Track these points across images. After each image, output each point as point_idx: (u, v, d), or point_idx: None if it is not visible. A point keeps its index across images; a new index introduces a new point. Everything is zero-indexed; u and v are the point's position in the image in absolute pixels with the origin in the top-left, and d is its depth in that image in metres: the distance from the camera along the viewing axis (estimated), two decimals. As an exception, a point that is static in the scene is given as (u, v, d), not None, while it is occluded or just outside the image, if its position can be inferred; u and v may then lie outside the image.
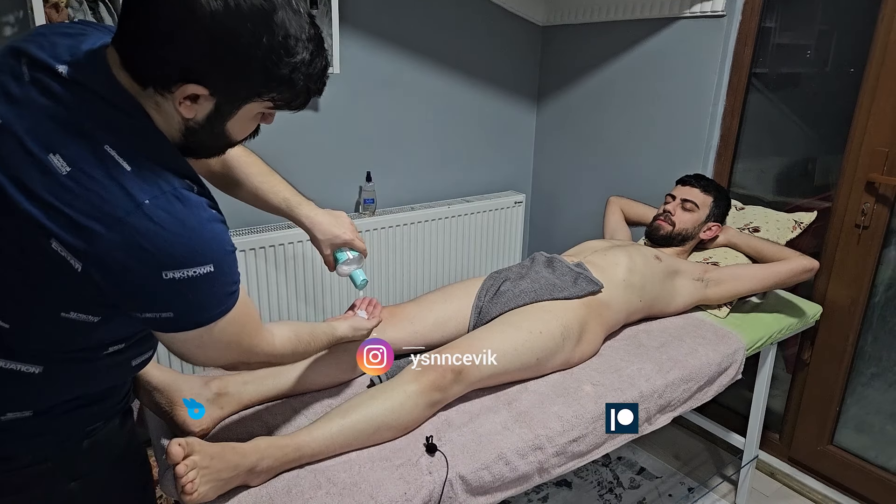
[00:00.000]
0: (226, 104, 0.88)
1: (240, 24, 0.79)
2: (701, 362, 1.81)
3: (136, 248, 0.81)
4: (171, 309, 0.88)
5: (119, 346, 1.00)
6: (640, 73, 2.80)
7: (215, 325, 0.93)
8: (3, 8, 1.93)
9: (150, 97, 0.86)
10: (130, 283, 0.84)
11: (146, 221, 0.81)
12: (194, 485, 1.08)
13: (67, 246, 0.81)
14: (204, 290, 0.88)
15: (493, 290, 1.81)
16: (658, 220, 2.25)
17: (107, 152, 0.82)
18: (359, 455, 1.31)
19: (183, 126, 0.90)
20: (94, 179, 0.81)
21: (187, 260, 0.84)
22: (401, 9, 2.73)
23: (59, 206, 0.80)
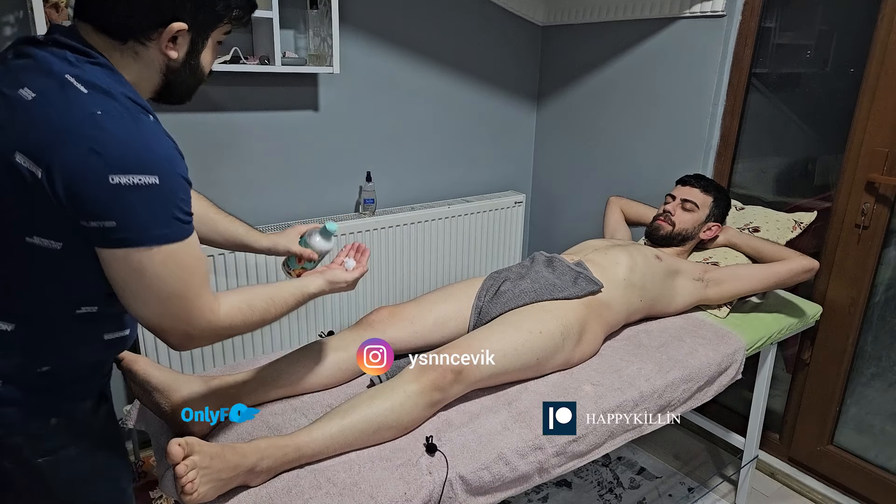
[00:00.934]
0: (199, 36, 1.03)
1: None
2: (701, 362, 1.81)
3: (87, 151, 0.87)
4: (113, 216, 0.89)
5: (90, 308, 1.03)
6: (640, 73, 2.80)
7: (156, 252, 0.93)
8: (3, 8, 1.93)
9: (128, 49, 0.98)
10: (81, 186, 0.88)
11: (97, 129, 0.88)
12: (194, 485, 1.08)
13: (29, 154, 0.88)
14: (147, 201, 0.91)
15: (494, 290, 1.81)
16: (658, 220, 2.25)
17: (67, 80, 0.91)
18: (359, 455, 1.31)
19: (164, 67, 1.03)
20: (54, 99, 0.90)
21: (133, 166, 0.89)
22: (401, 9, 2.73)
23: (23, 125, 0.89)
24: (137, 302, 0.98)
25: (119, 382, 2.41)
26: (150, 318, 0.99)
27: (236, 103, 2.42)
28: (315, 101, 2.60)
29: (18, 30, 1.96)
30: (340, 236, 2.62)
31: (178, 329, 1.01)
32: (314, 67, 2.42)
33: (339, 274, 1.41)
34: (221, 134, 2.40)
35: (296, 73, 2.43)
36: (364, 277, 2.70)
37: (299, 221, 2.62)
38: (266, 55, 2.31)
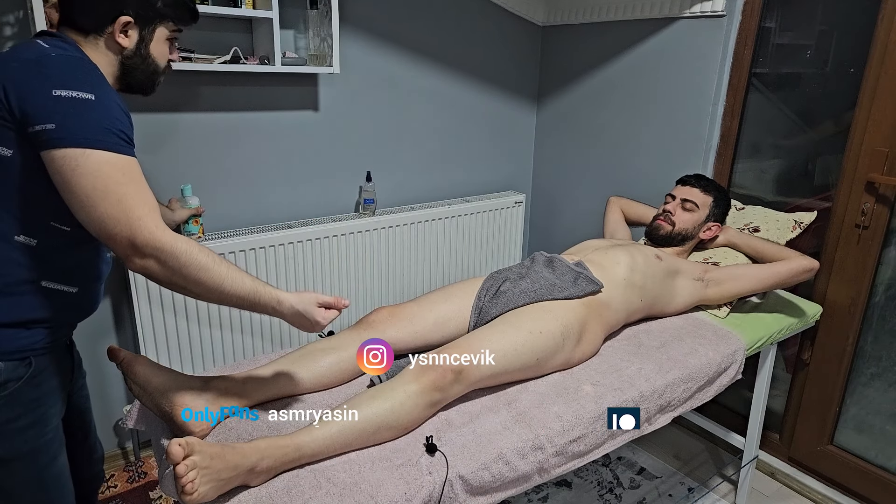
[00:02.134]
0: (145, 29, 1.29)
1: None
2: (701, 362, 1.81)
3: (36, 72, 1.10)
4: (53, 119, 1.07)
5: (29, 239, 1.16)
6: (640, 72, 2.80)
7: (91, 154, 1.08)
8: (3, 8, 1.93)
9: (91, 42, 1.25)
10: (29, 97, 1.08)
11: (48, 59, 1.12)
12: (194, 485, 1.08)
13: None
14: (84, 111, 1.09)
15: (494, 289, 1.81)
16: (658, 219, 2.25)
17: (37, 41, 1.18)
18: (359, 455, 1.31)
19: (119, 56, 1.28)
20: (21, 48, 1.16)
21: (72, 84, 1.10)
22: (401, 9, 2.73)
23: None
24: (82, 205, 1.09)
25: (119, 383, 2.42)
26: (95, 221, 1.10)
27: (236, 103, 2.42)
28: (315, 101, 2.60)
29: (18, 30, 1.96)
30: (341, 236, 2.62)
31: (122, 235, 1.10)
32: (314, 67, 2.42)
33: (315, 311, 1.33)
34: (221, 134, 2.40)
35: (296, 73, 2.43)
36: (364, 277, 2.73)
37: (300, 221, 2.62)
38: (266, 55, 2.31)
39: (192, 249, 1.16)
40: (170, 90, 2.27)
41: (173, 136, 2.31)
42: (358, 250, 2.71)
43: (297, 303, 1.30)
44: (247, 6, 2.22)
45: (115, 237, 1.10)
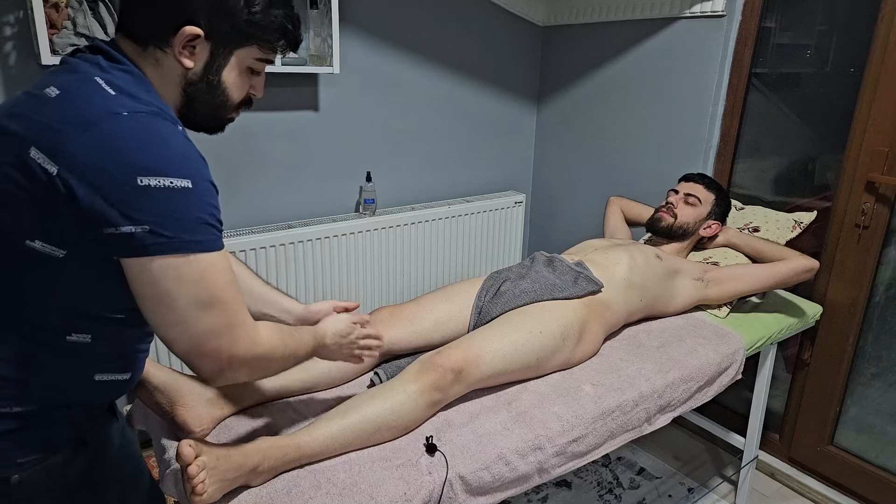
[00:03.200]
0: (218, 48, 0.98)
1: None
2: (701, 362, 1.80)
3: (110, 150, 0.82)
4: (146, 220, 0.83)
5: (82, 336, 0.94)
6: (641, 73, 2.80)
7: (194, 260, 0.86)
8: (3, 8, 1.93)
9: (150, 56, 0.95)
10: (105, 186, 0.82)
11: (121, 127, 0.83)
12: (205, 485, 1.07)
13: (44, 150, 0.82)
14: (182, 205, 0.85)
15: (494, 289, 1.81)
16: (660, 210, 2.24)
17: (95, 81, 0.88)
18: (359, 455, 1.31)
19: (183, 80, 0.98)
20: (77, 96, 0.86)
21: (163, 168, 0.83)
22: (401, 9, 2.73)
23: (41, 119, 0.84)
24: (176, 321, 0.89)
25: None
26: (188, 339, 0.90)
27: (236, 103, 2.41)
28: (315, 101, 2.60)
29: (18, 30, 1.96)
30: (342, 236, 2.62)
31: (221, 351, 0.92)
32: (314, 67, 2.42)
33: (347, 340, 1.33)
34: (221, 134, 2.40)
35: (296, 73, 2.44)
36: (364, 277, 2.73)
37: (300, 221, 2.62)
38: (266, 55, 2.30)
39: (279, 349, 1.04)
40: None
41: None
42: (358, 250, 2.71)
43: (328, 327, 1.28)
44: (247, 6, 2.21)
45: (210, 354, 0.92)
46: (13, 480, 0.93)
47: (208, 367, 0.93)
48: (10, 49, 1.97)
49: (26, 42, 1.98)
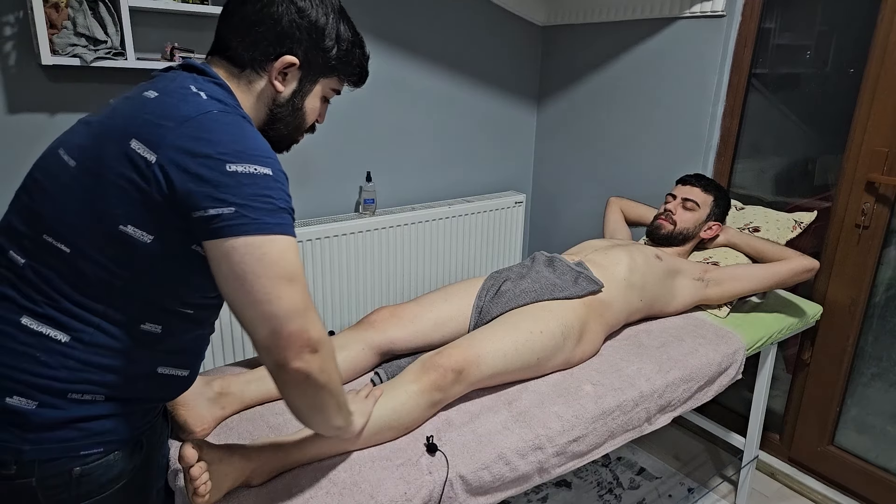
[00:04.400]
0: (307, 78, 1.12)
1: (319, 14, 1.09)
2: (701, 362, 1.81)
3: (203, 140, 0.92)
4: (232, 202, 0.91)
5: (154, 326, 1.01)
6: (640, 73, 2.80)
7: (276, 240, 0.93)
8: (3, 8, 1.93)
9: (244, 79, 1.09)
10: (198, 171, 0.91)
11: (212, 121, 0.94)
12: (208, 486, 1.08)
13: (144, 141, 0.92)
14: (264, 188, 0.93)
15: (494, 289, 1.81)
16: (659, 218, 2.25)
17: (188, 87, 0.99)
18: (359, 455, 1.31)
19: (271, 102, 1.11)
20: (172, 96, 0.97)
21: (248, 157, 0.93)
22: (400, 9, 2.73)
23: (140, 115, 0.95)
24: (259, 301, 0.93)
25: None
26: (269, 320, 0.94)
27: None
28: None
29: (18, 30, 1.96)
30: (342, 236, 2.62)
31: (301, 332, 0.96)
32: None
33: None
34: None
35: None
36: (364, 277, 2.73)
37: (300, 221, 2.62)
38: (266, 55, 2.31)
39: (331, 344, 1.07)
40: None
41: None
42: (358, 250, 2.71)
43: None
44: (247, 6, 2.21)
45: (293, 334, 0.95)
46: (74, 472, 0.98)
47: (288, 350, 0.96)
48: (10, 49, 1.97)
49: (26, 42, 1.98)
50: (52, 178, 0.98)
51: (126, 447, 1.05)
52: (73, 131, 1.02)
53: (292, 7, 1.07)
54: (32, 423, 0.95)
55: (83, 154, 0.96)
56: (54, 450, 0.97)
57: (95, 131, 0.98)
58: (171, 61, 2.12)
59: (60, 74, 2.07)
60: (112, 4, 1.96)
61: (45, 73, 2.04)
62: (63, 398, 0.96)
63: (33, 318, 0.96)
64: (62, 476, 0.98)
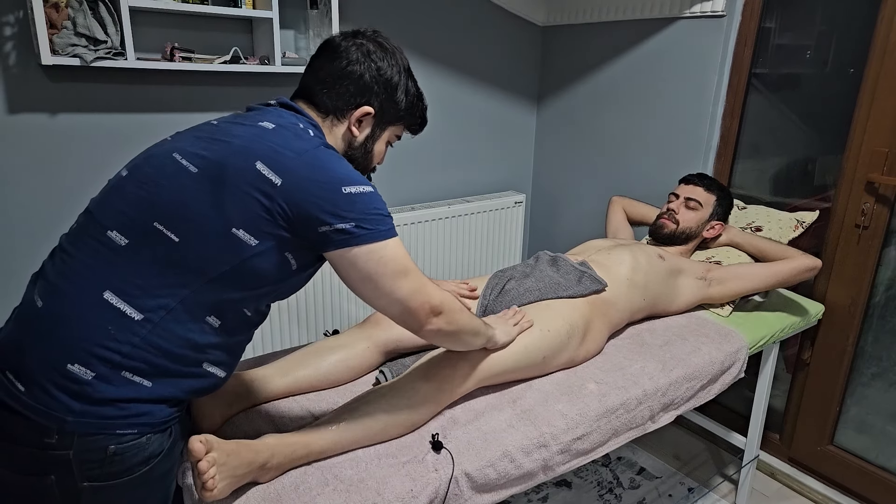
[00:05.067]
0: (379, 125, 1.29)
1: (393, 72, 1.27)
2: (704, 361, 1.81)
3: (319, 168, 1.09)
4: (351, 218, 1.08)
5: (216, 320, 1.12)
6: (640, 73, 2.81)
7: (387, 243, 1.12)
8: (3, 8, 1.93)
9: (328, 122, 1.26)
10: (319, 194, 1.07)
11: (323, 153, 1.12)
12: (215, 481, 1.09)
13: (269, 164, 1.07)
14: (372, 204, 1.11)
15: (498, 288, 1.81)
16: (662, 218, 2.25)
17: (297, 124, 1.17)
18: (365, 452, 1.31)
19: (347, 145, 1.28)
20: (287, 131, 1.14)
21: (356, 180, 1.11)
22: (400, 9, 2.73)
23: (262, 141, 1.10)
24: (386, 291, 1.14)
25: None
26: (399, 301, 1.16)
27: (236, 104, 2.41)
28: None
29: (18, 30, 1.95)
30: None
31: (424, 302, 1.18)
32: (315, 67, 2.41)
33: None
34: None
35: (296, 73, 2.43)
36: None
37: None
38: (266, 55, 2.31)
39: (453, 300, 1.27)
40: (170, 90, 2.27)
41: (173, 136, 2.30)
42: (358, 250, 2.69)
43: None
44: (247, 6, 2.22)
45: (419, 308, 1.18)
46: (109, 450, 1.05)
47: (419, 319, 1.19)
48: (10, 49, 1.97)
49: (26, 42, 1.98)
50: (169, 177, 1.09)
51: (157, 433, 1.10)
52: (182, 139, 1.16)
53: (373, 66, 1.24)
54: (84, 394, 1.02)
55: (205, 163, 1.09)
56: (95, 425, 1.03)
57: (215, 147, 1.11)
58: (171, 61, 2.11)
59: (60, 74, 2.06)
60: (112, 4, 1.95)
61: (45, 73, 2.04)
62: (118, 373, 1.04)
63: (116, 294, 1.05)
64: (98, 452, 1.04)
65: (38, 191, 2.11)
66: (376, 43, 1.27)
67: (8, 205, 2.06)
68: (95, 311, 1.04)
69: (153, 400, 1.08)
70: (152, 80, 2.23)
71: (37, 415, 1.01)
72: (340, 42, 1.26)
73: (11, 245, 2.10)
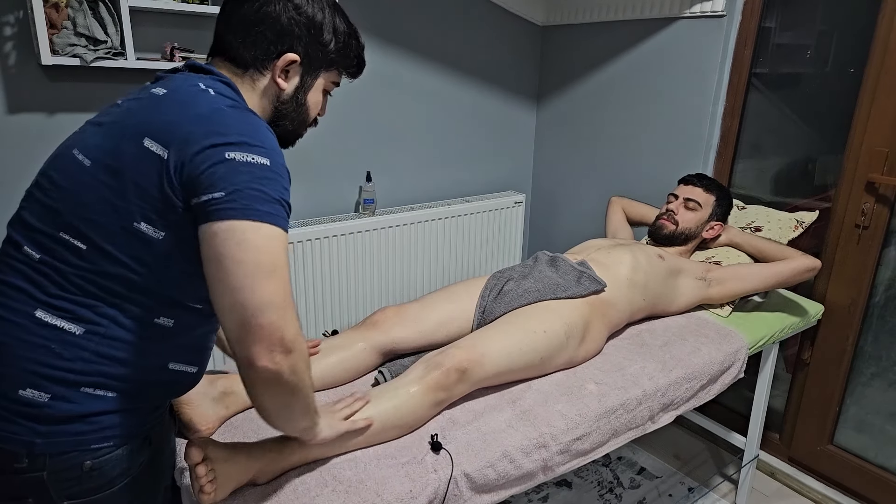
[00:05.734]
0: (308, 73, 1.14)
1: (315, 10, 1.11)
2: (704, 361, 1.81)
3: (208, 132, 0.94)
4: (223, 187, 0.92)
5: (168, 320, 1.03)
6: (641, 72, 2.81)
7: (259, 227, 0.93)
8: (3, 8, 1.93)
9: (248, 78, 1.11)
10: (199, 161, 0.93)
11: (220, 115, 0.97)
12: (213, 484, 1.08)
13: (156, 138, 0.95)
14: (258, 178, 0.94)
15: (497, 289, 1.81)
16: (661, 219, 2.25)
17: (197, 84, 1.03)
18: (364, 453, 1.31)
19: (275, 99, 1.13)
20: (183, 93, 1.01)
21: (248, 146, 0.95)
22: (400, 9, 2.73)
23: (151, 113, 0.98)
24: (236, 287, 0.92)
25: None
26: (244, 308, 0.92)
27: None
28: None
29: (18, 30, 1.95)
30: (342, 236, 2.62)
31: (274, 327, 0.93)
32: (315, 67, 2.41)
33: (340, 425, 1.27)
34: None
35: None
36: (364, 277, 2.73)
37: (299, 221, 2.62)
38: (267, 55, 2.30)
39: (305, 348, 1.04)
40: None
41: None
42: (358, 250, 2.70)
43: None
44: (247, 6, 2.21)
45: (266, 329, 0.93)
46: (85, 466, 1.00)
47: (258, 346, 0.93)
48: (10, 49, 1.96)
49: (26, 42, 1.98)
50: (68, 176, 0.99)
51: (135, 442, 1.06)
52: (84, 132, 1.04)
53: (289, 5, 1.09)
54: (45, 416, 0.96)
55: (100, 153, 0.98)
56: (66, 443, 0.98)
57: (110, 131, 1.00)
58: (171, 61, 2.12)
59: (60, 74, 2.06)
60: (112, 4, 1.95)
61: (45, 73, 2.04)
62: (76, 391, 0.98)
63: (48, 310, 0.98)
64: (73, 469, 0.99)
65: (38, 191, 2.11)
66: None
67: (7, 205, 2.06)
68: (33, 332, 0.97)
69: (122, 410, 1.02)
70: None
71: (2, 442, 0.97)
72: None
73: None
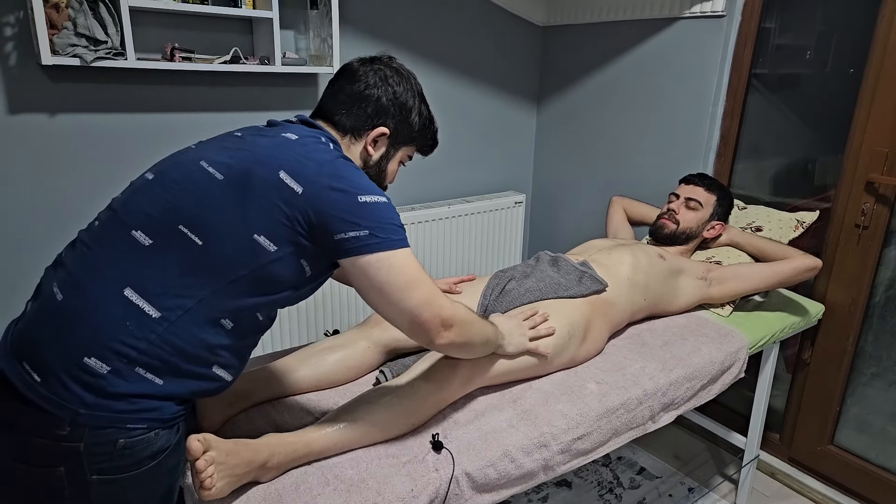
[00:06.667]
0: (393, 145, 1.37)
1: (408, 96, 1.37)
2: (704, 360, 1.81)
3: (339, 177, 1.14)
4: (367, 226, 1.13)
5: (228, 322, 1.14)
6: (640, 73, 2.81)
7: (398, 252, 1.16)
8: (3, 8, 1.93)
9: (346, 140, 1.32)
10: (338, 202, 1.12)
11: (341, 165, 1.18)
12: (213, 480, 1.09)
13: (292, 174, 1.12)
14: (386, 214, 1.16)
15: (499, 289, 1.81)
16: (662, 218, 2.25)
17: (319, 138, 1.24)
18: (366, 452, 1.31)
19: (363, 163, 1.34)
20: (311, 144, 1.20)
21: (372, 190, 1.17)
22: (401, 9, 2.73)
23: (285, 151, 1.16)
24: (395, 300, 1.17)
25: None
26: (408, 311, 1.17)
27: (236, 104, 2.41)
28: (315, 101, 2.59)
29: (18, 30, 1.95)
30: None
31: (434, 314, 1.19)
32: (314, 67, 2.42)
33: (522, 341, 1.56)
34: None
35: (296, 73, 2.44)
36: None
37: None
38: (266, 55, 2.31)
39: (466, 311, 1.29)
40: (170, 90, 2.27)
41: (173, 137, 2.31)
42: (358, 250, 2.69)
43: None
44: (247, 6, 2.22)
45: (428, 320, 1.19)
46: (119, 444, 1.06)
47: (429, 332, 1.20)
48: (10, 49, 1.97)
49: (26, 42, 1.98)
50: (195, 182, 1.14)
51: (165, 428, 1.12)
52: (210, 148, 1.21)
53: (390, 90, 1.33)
54: (97, 388, 1.04)
55: (231, 171, 1.14)
56: (106, 418, 1.05)
57: (241, 156, 1.16)
58: (172, 61, 2.11)
59: (60, 74, 2.06)
60: (112, 4, 1.95)
61: (46, 73, 2.04)
62: (132, 369, 1.06)
63: (137, 291, 1.07)
64: (108, 445, 1.06)
65: (38, 191, 2.11)
66: (392, 68, 1.37)
67: (8, 205, 2.06)
68: (116, 306, 1.06)
69: (163, 397, 1.09)
70: (152, 80, 2.23)
71: (51, 405, 1.03)
72: (359, 67, 1.35)
73: (11, 245, 2.10)
